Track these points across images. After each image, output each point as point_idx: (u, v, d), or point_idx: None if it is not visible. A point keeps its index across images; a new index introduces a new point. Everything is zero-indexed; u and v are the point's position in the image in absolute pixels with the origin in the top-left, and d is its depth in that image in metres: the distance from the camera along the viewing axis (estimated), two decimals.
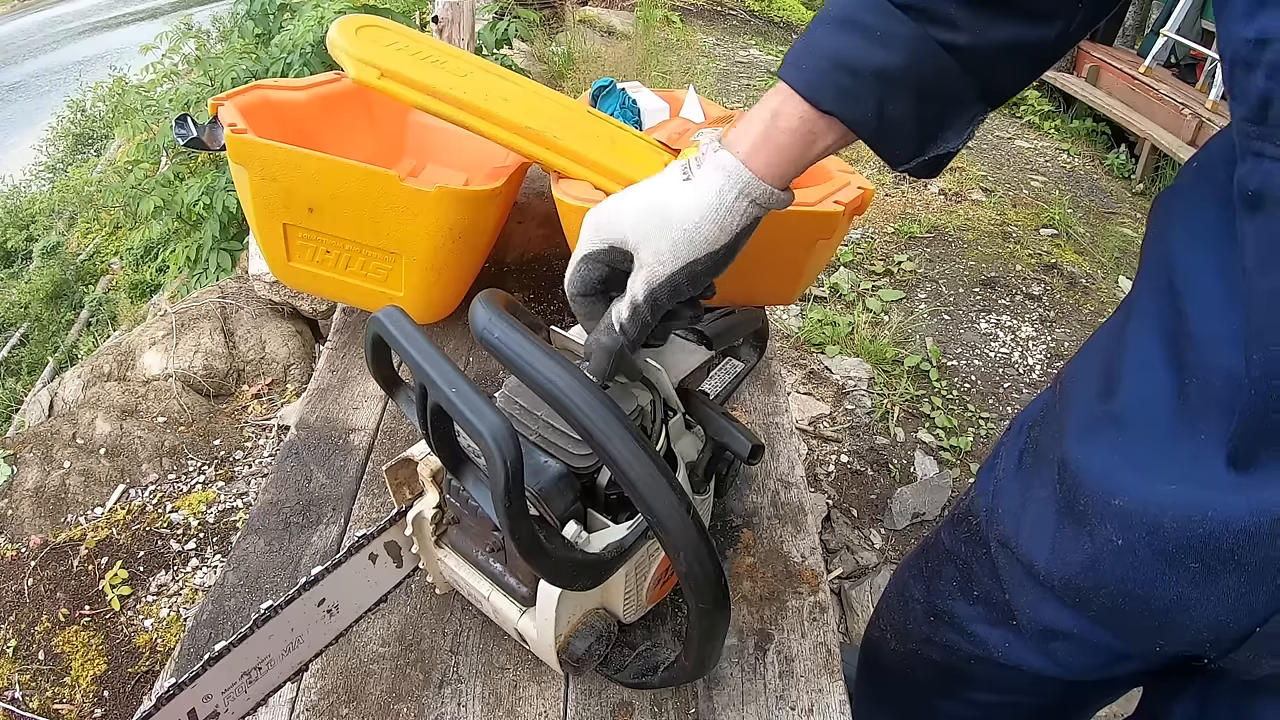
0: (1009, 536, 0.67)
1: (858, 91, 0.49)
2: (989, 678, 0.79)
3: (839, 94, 0.50)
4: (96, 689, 1.54)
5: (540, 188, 1.35)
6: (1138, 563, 0.53)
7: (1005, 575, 0.69)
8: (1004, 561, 0.69)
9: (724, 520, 0.81)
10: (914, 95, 0.50)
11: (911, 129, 0.51)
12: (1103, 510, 0.55)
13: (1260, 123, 0.40)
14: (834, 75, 0.50)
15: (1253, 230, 0.43)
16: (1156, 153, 3.97)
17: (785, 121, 0.52)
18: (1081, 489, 0.57)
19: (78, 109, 7.91)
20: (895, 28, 0.49)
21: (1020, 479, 0.68)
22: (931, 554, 0.84)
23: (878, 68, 0.49)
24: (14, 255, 5.95)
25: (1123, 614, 0.57)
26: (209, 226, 2.72)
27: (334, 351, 1.02)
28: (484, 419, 0.44)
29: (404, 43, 0.90)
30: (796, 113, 0.51)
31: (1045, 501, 0.62)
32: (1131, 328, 0.58)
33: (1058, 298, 2.87)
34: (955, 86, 0.50)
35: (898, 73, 0.49)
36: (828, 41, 0.51)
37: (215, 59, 2.99)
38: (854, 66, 0.49)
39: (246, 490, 1.95)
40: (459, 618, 0.71)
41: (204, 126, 0.90)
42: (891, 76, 0.49)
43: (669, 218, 0.53)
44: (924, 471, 2.05)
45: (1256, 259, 0.43)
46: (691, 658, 0.55)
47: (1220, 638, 0.52)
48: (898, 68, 0.49)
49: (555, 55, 4.42)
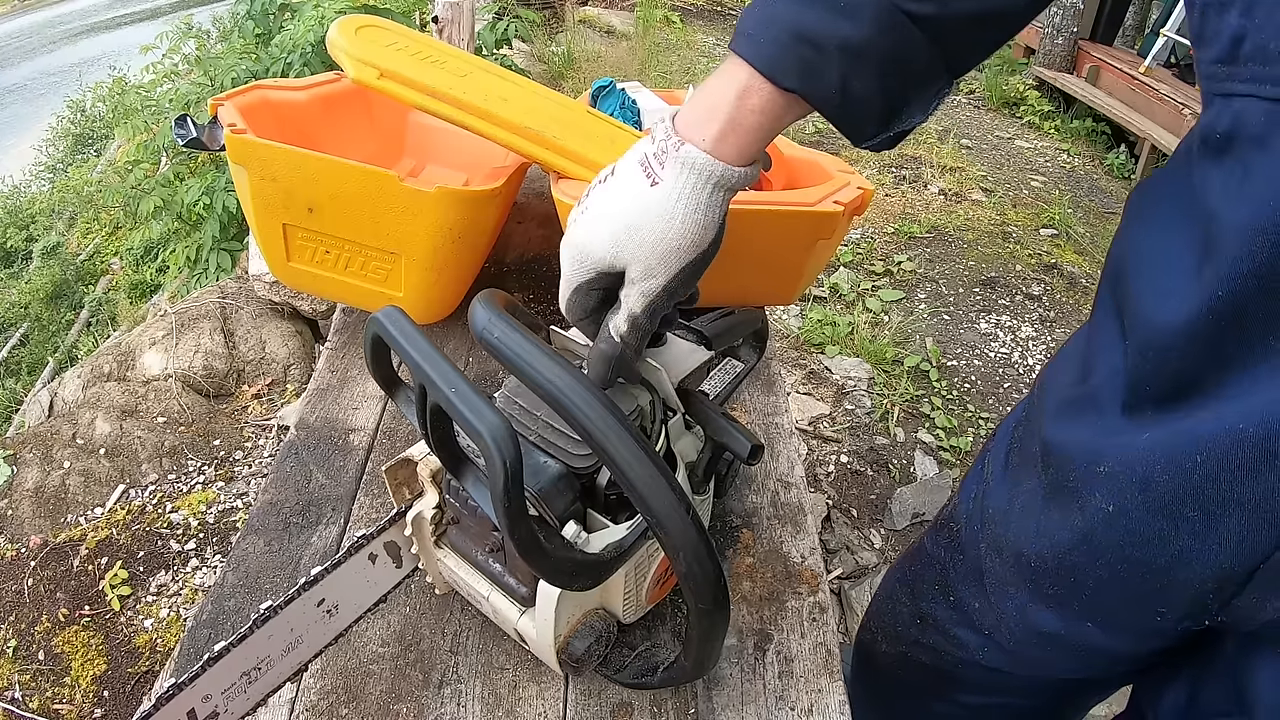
0: (999, 535, 0.67)
1: (821, 67, 0.47)
2: (976, 680, 0.79)
3: (803, 70, 0.47)
4: (96, 689, 1.54)
5: (540, 188, 1.35)
6: (1133, 525, 0.52)
7: (992, 581, 0.69)
8: (991, 564, 0.69)
9: (724, 520, 0.81)
10: (879, 69, 0.47)
11: (877, 105, 0.49)
12: (1090, 481, 0.55)
13: (1231, 62, 0.41)
14: (796, 49, 0.47)
15: (1220, 175, 0.43)
16: (1156, 153, 3.97)
17: (753, 101, 0.49)
18: (1066, 466, 0.57)
19: (78, 109, 7.92)
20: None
21: (1008, 479, 0.68)
22: (916, 558, 0.84)
23: (842, 40, 0.46)
24: (14, 255, 5.95)
25: (1122, 585, 0.56)
26: (209, 226, 2.72)
27: (334, 351, 1.02)
28: (484, 419, 0.44)
29: (404, 43, 0.90)
30: (762, 91, 0.48)
31: (1032, 492, 0.62)
32: (1097, 317, 0.59)
33: (1058, 298, 2.87)
34: (921, 58, 0.48)
35: (863, 45, 0.46)
36: (787, 12, 0.48)
37: (215, 59, 2.99)
38: (817, 40, 0.46)
39: (246, 490, 1.95)
40: (459, 618, 0.71)
41: (204, 126, 0.90)
42: (856, 50, 0.46)
43: (649, 232, 0.51)
44: (924, 472, 2.05)
45: (1225, 198, 0.43)
46: (691, 658, 0.55)
47: (1224, 585, 0.51)
48: (863, 40, 0.46)
49: (555, 55, 4.43)
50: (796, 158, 1.07)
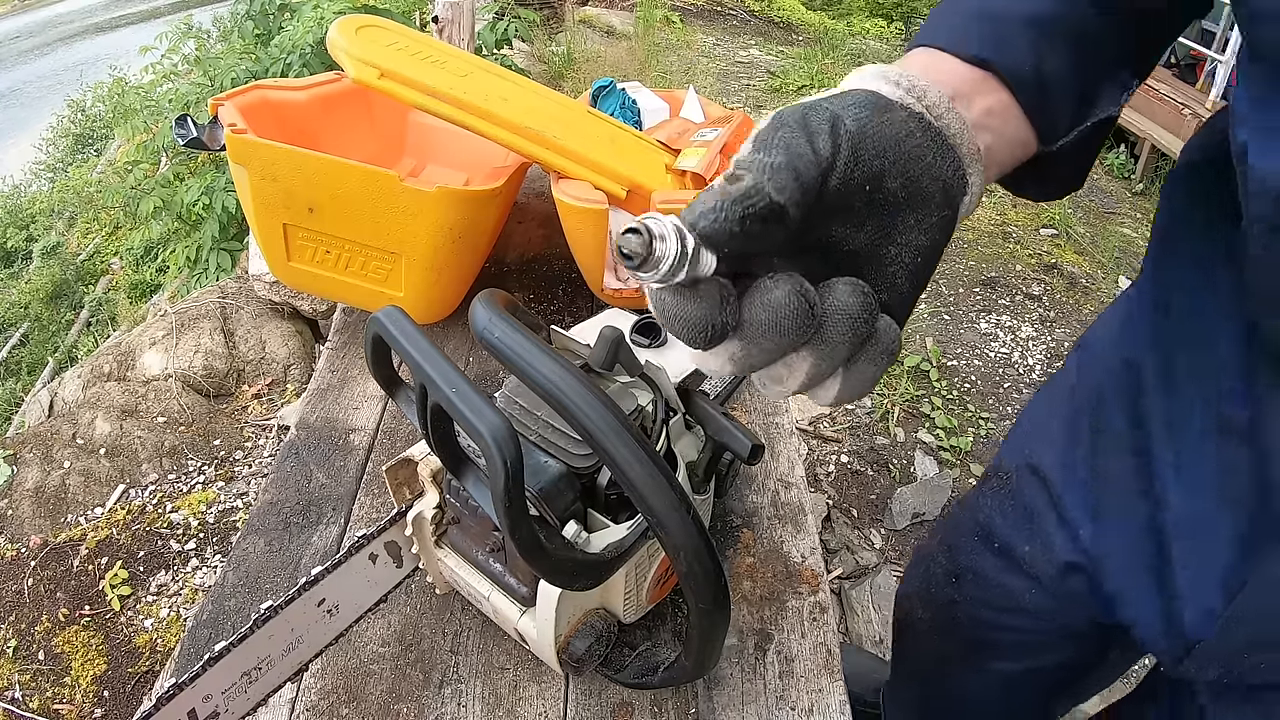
0: (1034, 453, 0.71)
1: (1010, 37, 0.43)
2: (1010, 643, 0.81)
3: (993, 40, 0.42)
4: (96, 689, 1.54)
5: (540, 188, 1.35)
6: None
7: (1036, 508, 0.72)
8: (1033, 494, 0.72)
9: (724, 520, 0.81)
10: (1070, 45, 0.43)
11: (1071, 85, 0.44)
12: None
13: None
14: (980, 24, 0.43)
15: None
16: (1156, 153, 3.97)
17: (936, 74, 0.42)
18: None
19: (78, 109, 7.91)
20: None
21: (1045, 396, 0.74)
22: (952, 522, 0.87)
23: (1028, 14, 0.43)
24: (14, 255, 5.95)
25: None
26: (209, 227, 2.72)
27: (334, 351, 1.02)
28: (484, 419, 0.44)
29: (404, 43, 0.90)
30: (946, 67, 0.42)
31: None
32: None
33: (1058, 298, 2.87)
34: (1110, 40, 0.45)
35: (1049, 19, 0.43)
36: (965, 4, 0.45)
37: (215, 59, 2.99)
38: (1002, 14, 0.43)
39: (246, 490, 1.95)
40: (459, 618, 0.71)
41: (204, 126, 0.90)
42: (1044, 22, 0.43)
43: None
44: (924, 471, 2.05)
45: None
46: (691, 658, 0.55)
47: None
48: (1049, 14, 0.43)
49: (555, 55, 4.42)
50: None
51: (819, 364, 0.34)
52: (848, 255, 0.37)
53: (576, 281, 1.10)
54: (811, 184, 0.33)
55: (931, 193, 0.37)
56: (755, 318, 0.33)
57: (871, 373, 0.36)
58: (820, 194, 0.34)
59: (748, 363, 0.34)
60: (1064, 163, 0.47)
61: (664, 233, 0.30)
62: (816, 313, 0.33)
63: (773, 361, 0.35)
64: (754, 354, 0.34)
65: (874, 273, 0.37)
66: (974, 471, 2.06)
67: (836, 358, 0.35)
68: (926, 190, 0.37)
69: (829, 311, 0.34)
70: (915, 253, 0.37)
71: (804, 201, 0.33)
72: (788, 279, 0.33)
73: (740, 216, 0.31)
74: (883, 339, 0.35)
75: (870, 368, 0.36)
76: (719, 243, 0.31)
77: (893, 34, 6.51)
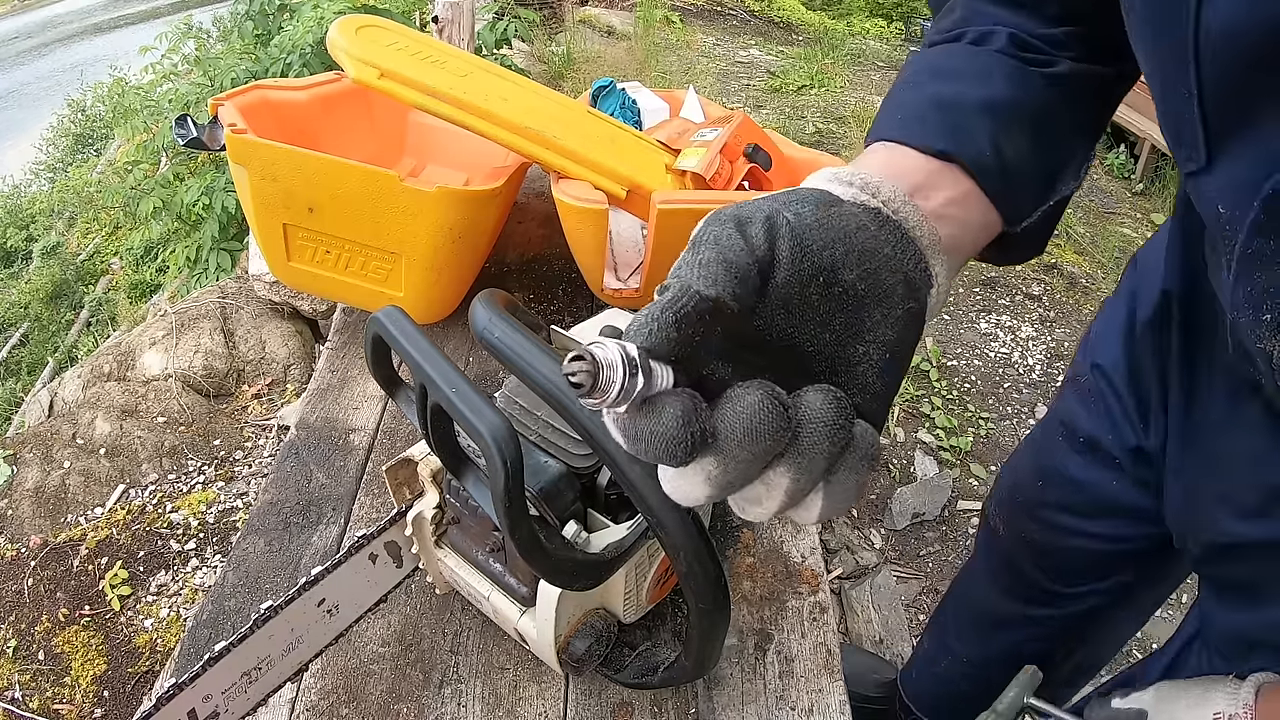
0: (1098, 354, 0.78)
1: (968, 127, 0.42)
2: (1079, 559, 0.85)
3: (951, 131, 0.42)
4: (96, 689, 1.54)
5: (540, 188, 1.35)
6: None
7: (1108, 400, 0.77)
8: (1103, 387, 0.77)
9: (724, 520, 0.81)
10: (1028, 127, 0.44)
11: (1033, 167, 0.44)
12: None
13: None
14: (937, 115, 0.43)
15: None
16: (1156, 153, 3.97)
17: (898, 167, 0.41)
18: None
19: (78, 109, 7.91)
20: (991, 65, 0.45)
21: (1109, 304, 0.79)
22: (1036, 431, 0.91)
23: (983, 101, 0.43)
24: (14, 255, 5.95)
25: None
26: (209, 227, 2.72)
27: (334, 351, 1.02)
28: (484, 419, 0.44)
29: (404, 43, 0.90)
30: (905, 162, 0.42)
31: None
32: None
33: (1058, 298, 2.87)
34: (1067, 116, 0.45)
35: (1005, 104, 0.43)
36: (917, 94, 0.45)
37: (215, 59, 2.99)
38: (957, 103, 0.43)
39: (246, 490, 1.95)
40: (459, 618, 0.71)
41: (204, 126, 0.90)
42: (999, 108, 0.43)
43: None
44: (924, 471, 2.05)
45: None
46: (691, 658, 0.55)
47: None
48: (1003, 99, 0.43)
49: (555, 55, 4.42)
50: (797, 158, 1.07)
51: (798, 478, 0.33)
52: (815, 356, 0.36)
53: (576, 281, 1.10)
54: (746, 273, 0.32)
55: (892, 285, 0.37)
56: (729, 425, 0.31)
57: (853, 482, 0.35)
58: (766, 287, 0.33)
59: (725, 480, 0.32)
60: (1026, 238, 0.47)
61: (609, 358, 0.29)
62: (791, 416, 0.32)
63: (751, 479, 0.33)
64: (730, 469, 0.32)
65: (845, 374, 0.36)
66: (974, 471, 2.06)
67: (815, 470, 0.33)
68: (887, 284, 0.36)
69: (803, 421, 0.32)
70: (884, 349, 0.37)
71: (742, 294, 0.32)
72: (758, 385, 0.32)
73: (674, 321, 0.30)
74: (860, 445, 0.34)
75: (851, 477, 0.34)
76: (663, 353, 0.30)
77: (893, 34, 6.51)
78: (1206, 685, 0.55)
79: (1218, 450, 0.62)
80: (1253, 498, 0.58)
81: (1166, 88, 0.38)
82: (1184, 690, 0.56)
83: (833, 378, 0.36)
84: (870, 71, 5.31)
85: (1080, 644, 0.93)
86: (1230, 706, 0.51)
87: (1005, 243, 0.46)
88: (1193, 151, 0.38)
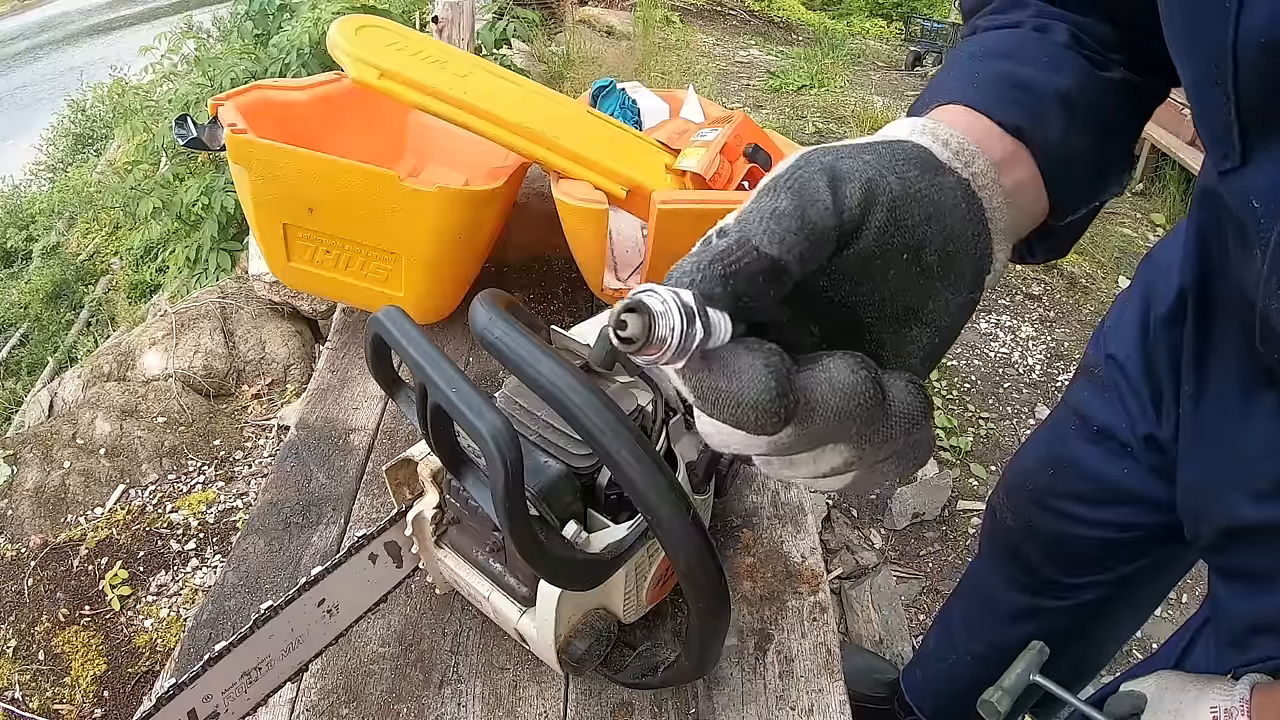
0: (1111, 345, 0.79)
1: (1044, 112, 0.40)
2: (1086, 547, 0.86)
3: (1029, 111, 0.40)
4: (96, 689, 1.54)
5: (540, 188, 1.35)
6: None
7: (1121, 389, 0.78)
8: (1117, 377, 0.78)
9: (724, 520, 0.81)
10: (1093, 126, 0.42)
11: (1092, 165, 0.43)
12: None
13: None
14: (1015, 93, 0.40)
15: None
16: (1157, 152, 3.97)
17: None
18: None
19: (78, 109, 7.91)
20: (1060, 56, 0.43)
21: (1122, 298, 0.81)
22: (1047, 426, 0.92)
23: (1060, 90, 0.41)
24: (14, 255, 5.95)
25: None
26: (208, 227, 2.72)
27: (334, 351, 1.02)
28: (484, 419, 0.44)
29: (404, 43, 0.90)
30: (986, 132, 0.38)
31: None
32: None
33: (1058, 298, 2.87)
34: (1124, 125, 0.44)
35: (1078, 97, 0.41)
36: (987, 68, 0.42)
37: (215, 59, 2.99)
38: (1034, 85, 0.41)
39: (246, 490, 1.95)
40: (459, 618, 0.71)
41: (204, 127, 0.90)
42: (1073, 101, 0.41)
43: None
44: (924, 471, 2.05)
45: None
46: (691, 658, 0.55)
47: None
48: (1077, 92, 0.41)
49: (555, 55, 4.42)
50: None
51: (852, 461, 0.30)
52: (870, 327, 0.33)
53: (576, 281, 1.10)
54: (824, 236, 0.29)
55: (964, 270, 0.33)
56: (823, 401, 0.27)
57: (894, 472, 0.32)
58: (843, 252, 0.30)
59: (784, 447, 0.28)
60: (1061, 236, 0.46)
61: (663, 307, 0.26)
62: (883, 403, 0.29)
63: (811, 449, 0.30)
64: (799, 443, 0.28)
65: (892, 351, 0.33)
66: (974, 471, 2.07)
67: (875, 457, 0.30)
68: (960, 268, 0.33)
69: (889, 408, 0.29)
70: (936, 334, 0.34)
71: (811, 258, 0.28)
72: (855, 361, 0.28)
73: (720, 275, 0.27)
74: (924, 442, 0.31)
75: (897, 469, 0.32)
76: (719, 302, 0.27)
77: (893, 34, 6.51)
78: (1204, 682, 0.56)
79: (1231, 439, 0.62)
80: (1266, 483, 0.59)
81: (1204, 92, 0.38)
82: (1183, 683, 0.57)
83: (878, 350, 0.33)
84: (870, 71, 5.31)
85: (1080, 639, 0.94)
86: (1226, 701, 0.52)
87: (1034, 242, 0.45)
88: (1229, 150, 0.38)
